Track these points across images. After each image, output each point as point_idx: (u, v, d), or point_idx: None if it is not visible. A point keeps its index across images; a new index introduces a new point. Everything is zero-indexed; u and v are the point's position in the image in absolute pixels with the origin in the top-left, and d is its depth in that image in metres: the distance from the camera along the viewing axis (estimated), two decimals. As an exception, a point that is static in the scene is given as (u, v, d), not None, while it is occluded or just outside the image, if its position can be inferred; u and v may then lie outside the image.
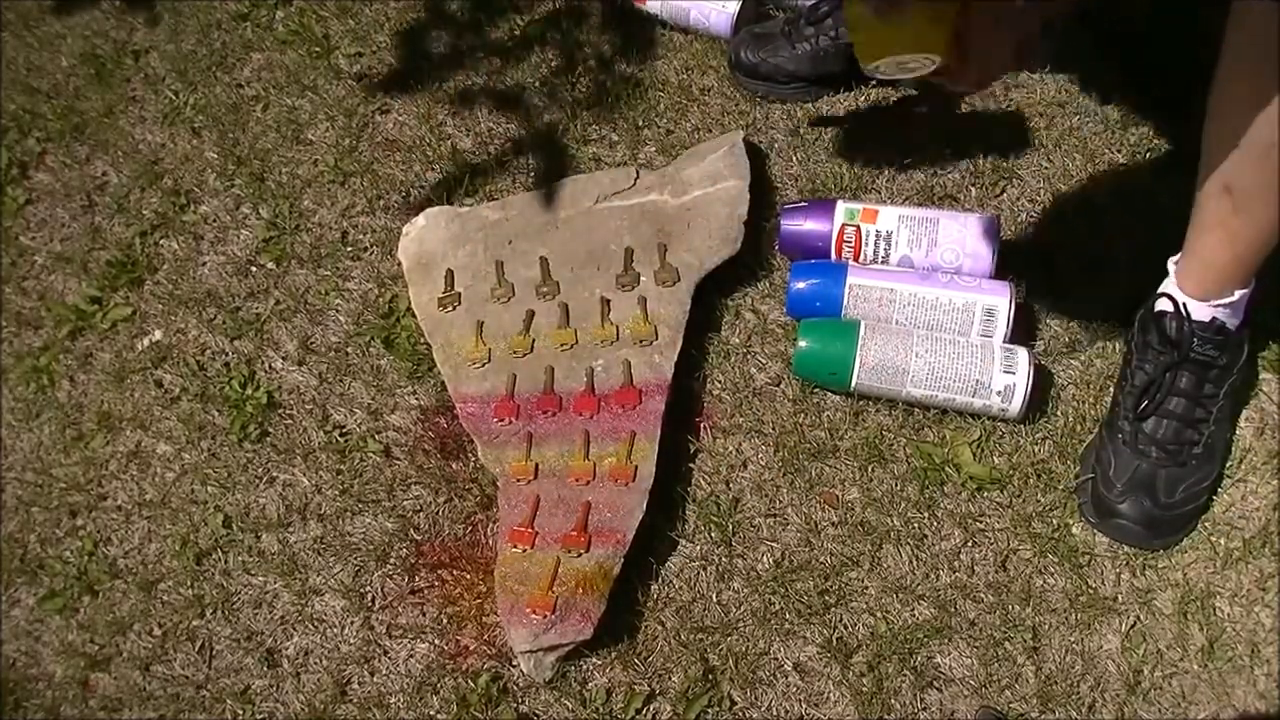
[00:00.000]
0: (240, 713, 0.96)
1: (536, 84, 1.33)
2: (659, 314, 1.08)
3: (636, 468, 1.00)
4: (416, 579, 1.01)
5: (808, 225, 1.11)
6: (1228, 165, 0.85)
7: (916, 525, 0.99)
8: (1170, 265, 0.98)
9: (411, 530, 1.03)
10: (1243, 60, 0.81)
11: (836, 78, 1.24)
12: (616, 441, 1.01)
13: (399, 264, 1.19)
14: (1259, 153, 0.83)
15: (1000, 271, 1.07)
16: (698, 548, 1.00)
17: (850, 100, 1.25)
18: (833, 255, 1.10)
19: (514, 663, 0.95)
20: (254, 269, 1.23)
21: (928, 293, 1.04)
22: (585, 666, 0.94)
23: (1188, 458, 0.96)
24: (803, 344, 1.03)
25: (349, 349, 1.15)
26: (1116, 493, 0.96)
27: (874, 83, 1.24)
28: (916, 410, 1.04)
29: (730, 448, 1.04)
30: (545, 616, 0.92)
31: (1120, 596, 0.95)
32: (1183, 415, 0.96)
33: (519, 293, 1.13)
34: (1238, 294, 0.95)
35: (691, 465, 1.04)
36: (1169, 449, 0.96)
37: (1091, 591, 0.95)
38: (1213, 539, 0.97)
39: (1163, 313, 0.97)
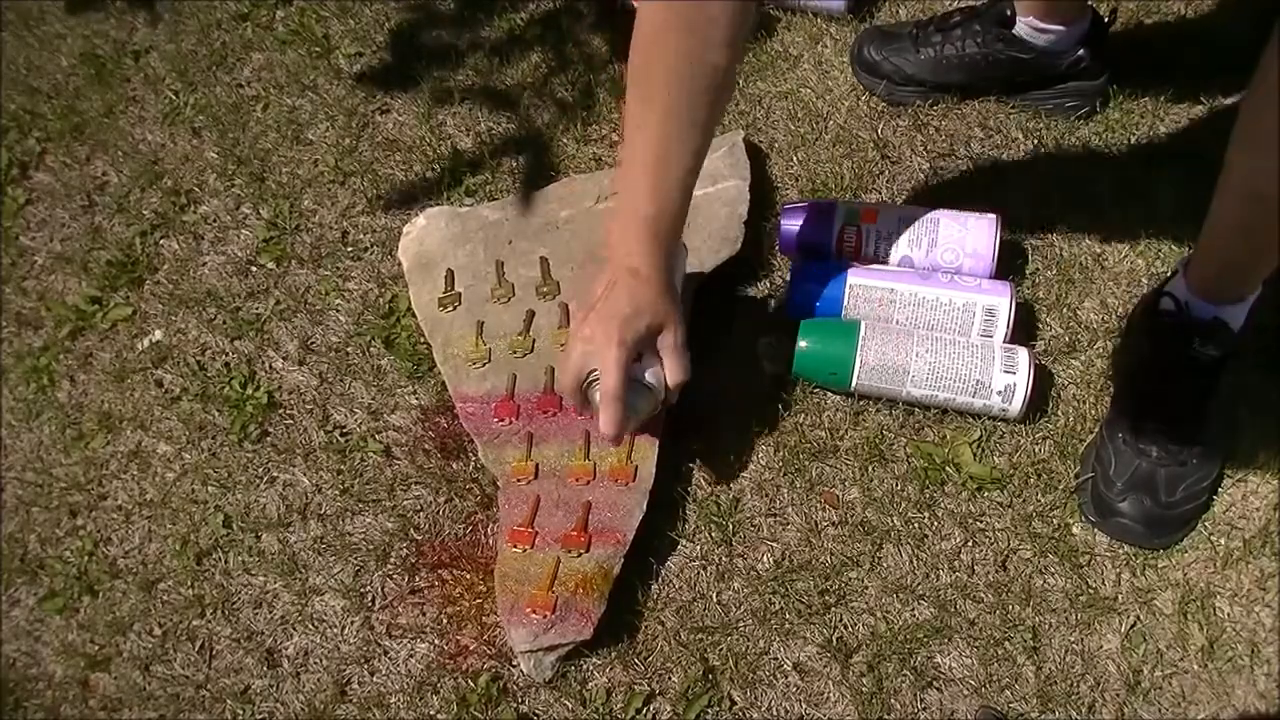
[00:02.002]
0: (240, 713, 0.96)
1: (536, 84, 1.33)
2: (659, 314, 1.08)
3: (636, 468, 1.00)
4: (416, 579, 1.00)
5: (808, 225, 1.11)
6: (1258, 170, 0.82)
7: (916, 525, 0.99)
8: (1180, 264, 0.98)
9: (411, 530, 1.03)
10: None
11: (954, 87, 1.22)
12: (616, 441, 1.02)
13: (399, 264, 1.19)
14: None
15: (1000, 271, 1.07)
16: (698, 548, 0.99)
17: (852, 99, 1.25)
18: (833, 255, 1.10)
19: (514, 663, 0.95)
20: (254, 269, 1.23)
21: (928, 293, 1.04)
22: (585, 666, 0.94)
23: (1188, 457, 0.96)
24: (803, 344, 1.03)
25: (349, 349, 1.15)
26: (1117, 491, 0.96)
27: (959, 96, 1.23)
28: (917, 410, 1.04)
29: (730, 448, 1.04)
30: (545, 616, 0.92)
31: (1120, 596, 0.95)
32: (1183, 414, 0.96)
33: (519, 293, 1.13)
34: (1248, 298, 0.95)
35: (691, 465, 1.04)
36: (1169, 448, 0.96)
37: (1091, 591, 0.95)
38: (1213, 539, 0.97)
39: (1164, 311, 0.97)
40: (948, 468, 1.01)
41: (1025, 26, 1.16)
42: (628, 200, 0.90)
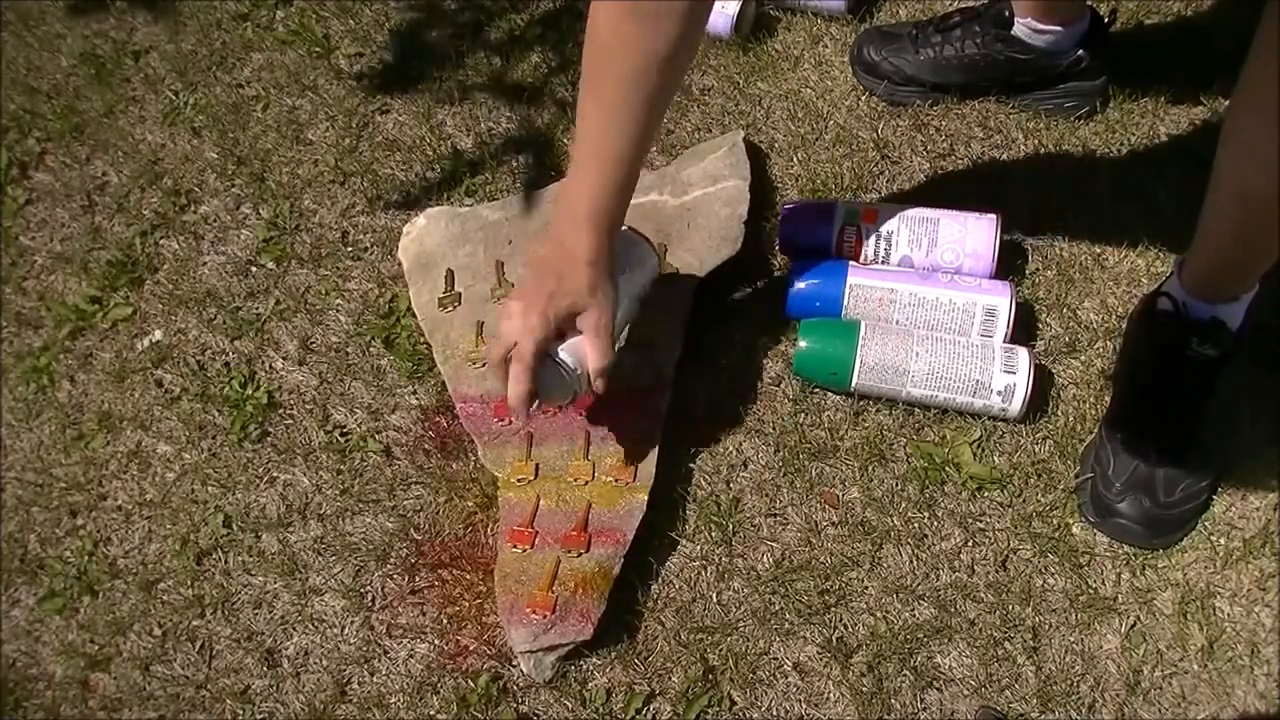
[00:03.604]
0: (240, 713, 0.96)
1: (536, 84, 1.33)
2: (659, 314, 1.08)
3: (636, 468, 0.99)
4: (416, 579, 1.00)
5: (808, 225, 1.11)
6: (1247, 171, 0.82)
7: (916, 525, 0.99)
8: (1176, 264, 0.98)
9: (411, 530, 1.03)
10: (1271, 63, 0.76)
11: (954, 88, 1.22)
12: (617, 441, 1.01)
13: (399, 264, 1.19)
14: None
15: (1000, 271, 1.07)
16: (698, 548, 1.00)
17: (852, 99, 1.25)
18: (833, 255, 1.10)
19: (514, 663, 0.95)
20: (254, 269, 1.23)
21: (928, 293, 1.04)
22: (585, 666, 0.94)
23: (1187, 457, 0.96)
24: (803, 344, 1.03)
25: (349, 349, 1.15)
26: (1115, 492, 0.96)
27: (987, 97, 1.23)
28: (917, 410, 1.04)
29: (730, 448, 1.04)
30: (545, 616, 0.92)
31: (1120, 596, 0.95)
32: (1182, 414, 0.96)
33: (519, 293, 1.13)
34: (1243, 296, 0.95)
35: (691, 465, 1.04)
36: (1168, 448, 0.96)
37: (1091, 591, 0.95)
38: (1213, 539, 0.97)
39: (1163, 311, 0.97)
40: (948, 468, 1.01)
41: (1023, 27, 1.16)
42: (570, 188, 0.91)
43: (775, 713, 0.92)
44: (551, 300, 0.90)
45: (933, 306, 1.04)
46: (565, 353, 0.93)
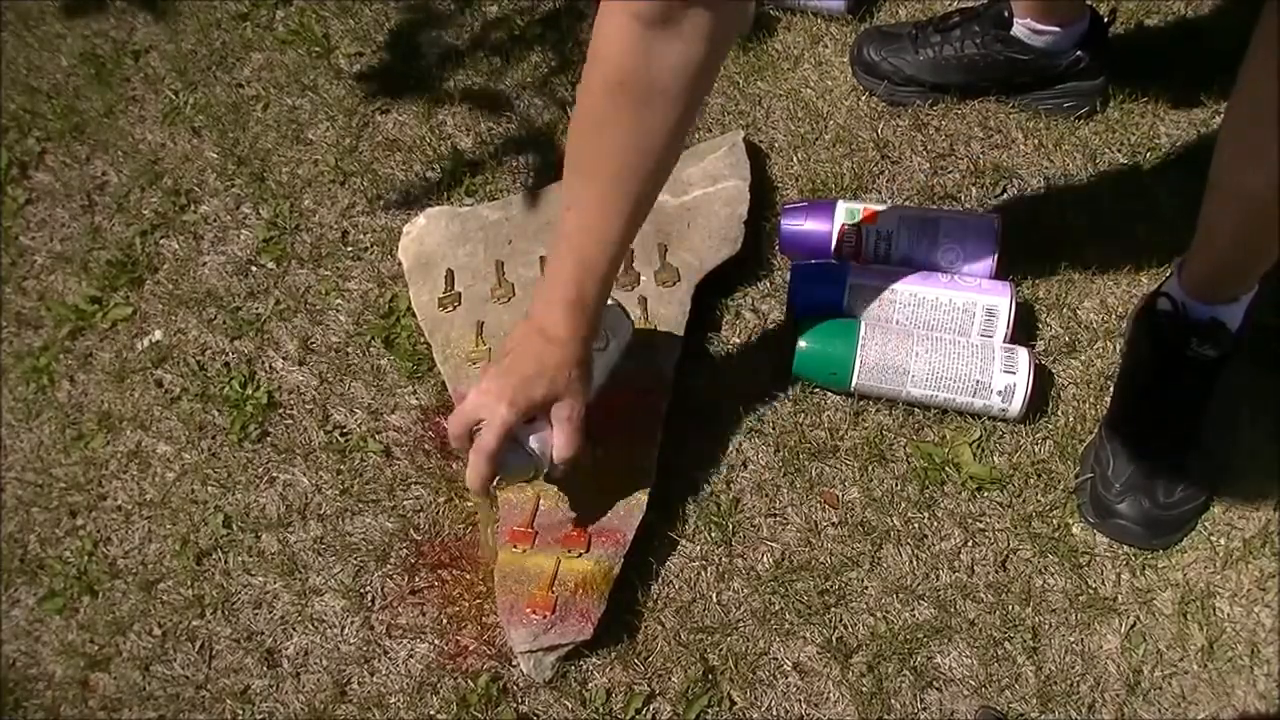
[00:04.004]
0: (240, 713, 0.96)
1: (537, 84, 1.33)
2: (659, 314, 1.08)
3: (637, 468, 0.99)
4: (416, 579, 1.00)
5: (808, 225, 1.11)
6: (1247, 171, 0.82)
7: (916, 525, 0.99)
8: (1175, 264, 0.98)
9: (411, 530, 1.03)
10: (1270, 62, 0.76)
11: (953, 88, 1.22)
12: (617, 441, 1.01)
13: (399, 264, 1.19)
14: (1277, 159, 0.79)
15: (1000, 271, 1.07)
16: (698, 548, 1.00)
17: (852, 99, 1.25)
18: (833, 255, 1.11)
19: (514, 663, 0.95)
20: (254, 269, 1.23)
21: (928, 293, 1.04)
22: (585, 666, 0.94)
23: (1186, 458, 0.96)
24: (803, 344, 1.03)
25: (349, 349, 1.15)
26: (1115, 492, 0.96)
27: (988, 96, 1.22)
28: (916, 410, 1.04)
29: (730, 448, 1.04)
30: (545, 616, 0.92)
31: (1120, 596, 0.95)
32: (1182, 415, 0.96)
33: (519, 293, 1.13)
34: (1242, 297, 0.95)
35: (691, 465, 1.03)
36: (1168, 449, 0.96)
37: (1091, 591, 0.95)
38: (1213, 539, 0.97)
39: (1162, 312, 0.97)
40: (948, 468, 1.01)
41: (1022, 28, 1.16)
42: (554, 270, 0.88)
43: (775, 713, 0.92)
44: (525, 389, 0.86)
45: (933, 306, 1.04)
46: (534, 441, 0.90)
